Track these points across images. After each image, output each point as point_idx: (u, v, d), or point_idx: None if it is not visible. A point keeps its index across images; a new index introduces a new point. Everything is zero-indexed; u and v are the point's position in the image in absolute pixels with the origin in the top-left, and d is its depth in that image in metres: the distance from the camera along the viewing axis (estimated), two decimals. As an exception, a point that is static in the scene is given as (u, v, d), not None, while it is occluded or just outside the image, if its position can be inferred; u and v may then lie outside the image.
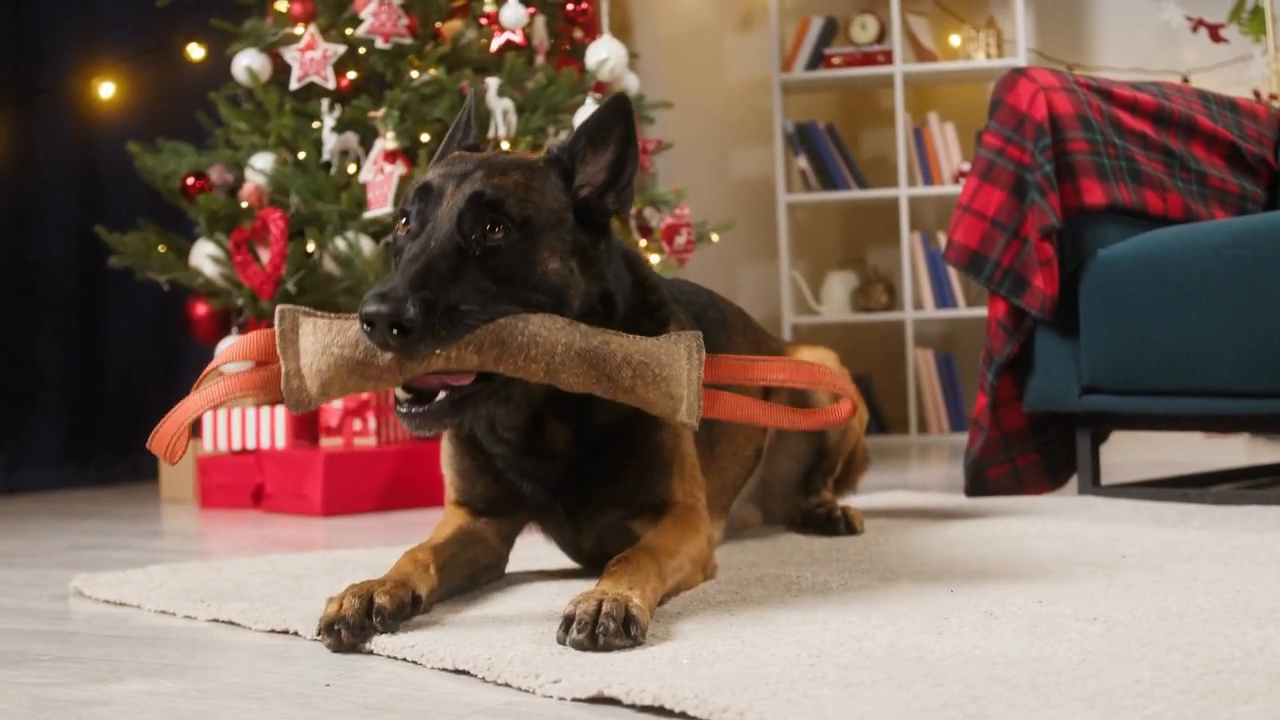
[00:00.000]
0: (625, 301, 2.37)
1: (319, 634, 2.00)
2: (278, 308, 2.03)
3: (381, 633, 1.98)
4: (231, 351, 2.11)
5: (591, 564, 2.53)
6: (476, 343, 1.99)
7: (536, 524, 2.55)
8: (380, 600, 2.00)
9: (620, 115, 2.25)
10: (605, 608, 1.85)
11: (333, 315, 2.03)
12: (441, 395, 2.04)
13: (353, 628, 1.97)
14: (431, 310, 1.94)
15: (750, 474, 3.08)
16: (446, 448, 2.53)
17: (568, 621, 1.86)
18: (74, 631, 2.32)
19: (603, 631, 1.82)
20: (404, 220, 2.16)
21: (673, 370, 2.08)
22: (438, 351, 1.97)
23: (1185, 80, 7.46)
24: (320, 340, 2.00)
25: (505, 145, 4.78)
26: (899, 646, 1.77)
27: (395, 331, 1.91)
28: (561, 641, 1.85)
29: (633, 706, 1.57)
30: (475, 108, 2.53)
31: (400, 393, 2.06)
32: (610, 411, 2.33)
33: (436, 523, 2.51)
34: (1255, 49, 7.36)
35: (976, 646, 1.76)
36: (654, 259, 5.20)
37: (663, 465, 2.41)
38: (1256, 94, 7.10)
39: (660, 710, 1.55)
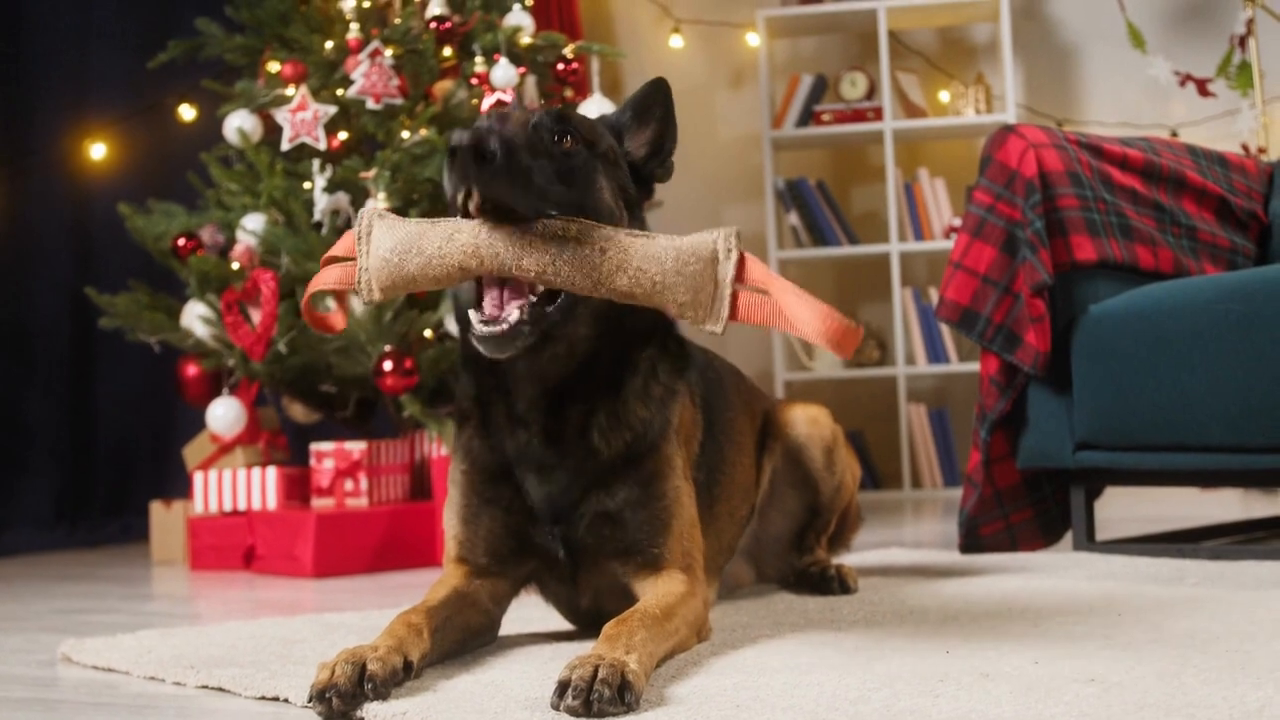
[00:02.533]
0: (644, 334, 2.45)
1: (310, 701, 1.97)
2: (360, 211, 2.23)
3: (373, 700, 1.96)
4: (339, 245, 2.24)
5: (588, 624, 2.51)
6: (554, 231, 2.07)
7: (535, 581, 2.53)
8: (373, 667, 1.98)
9: (661, 94, 2.51)
10: (601, 674, 1.83)
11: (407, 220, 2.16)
12: (514, 313, 2.11)
13: (344, 695, 1.94)
14: (513, 155, 2.06)
15: (743, 532, 3.06)
16: (453, 495, 2.50)
17: (563, 687, 1.84)
18: (61, 699, 2.29)
19: (598, 698, 1.80)
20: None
21: (693, 269, 2.08)
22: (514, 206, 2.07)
23: (1174, 135, 7.50)
24: (393, 235, 2.12)
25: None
26: (894, 710, 1.76)
27: (478, 161, 2.02)
28: (555, 707, 1.83)
29: (626, 774, 1.56)
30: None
31: (475, 315, 2.13)
32: (639, 418, 2.38)
33: (429, 584, 2.49)
34: (1243, 103, 7.40)
35: (973, 710, 1.74)
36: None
37: (664, 516, 2.39)
38: (1245, 148, 7.13)
39: (654, 778, 1.53)
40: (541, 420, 2.35)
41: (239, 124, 5.09)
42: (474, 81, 5.08)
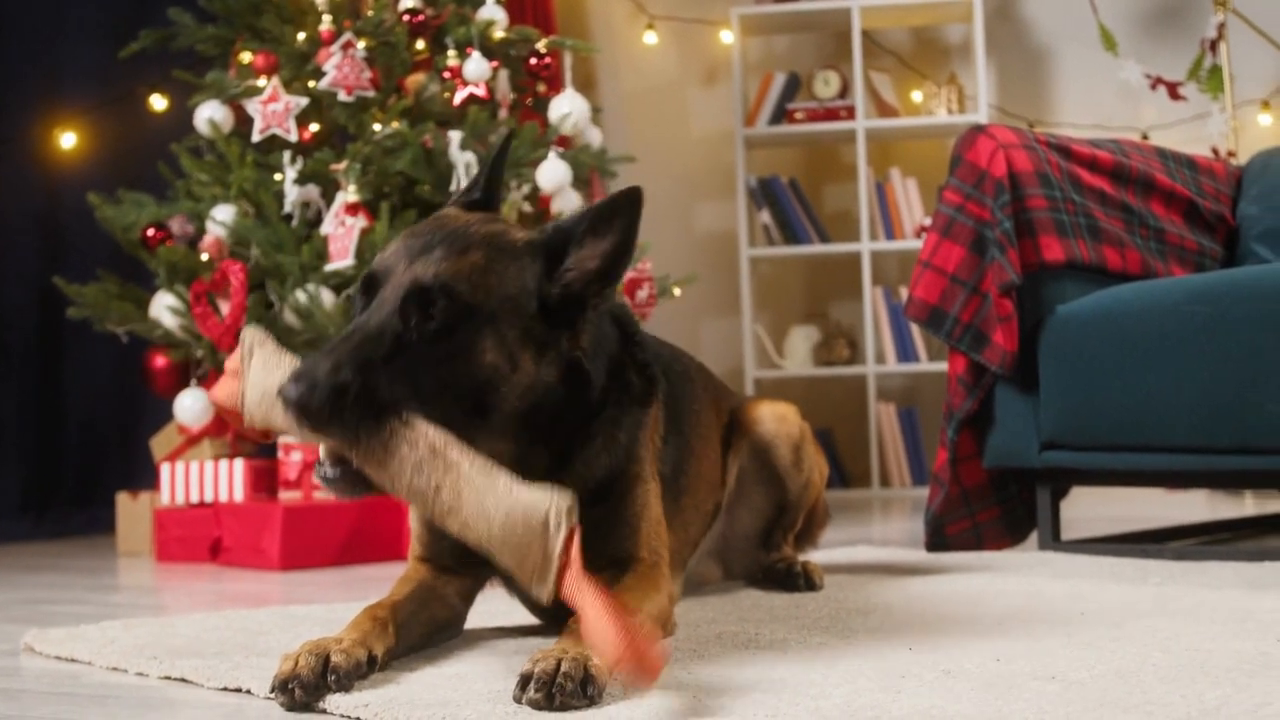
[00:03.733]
0: (605, 367, 2.35)
1: (272, 692, 1.97)
2: (243, 330, 2.09)
3: (336, 691, 1.95)
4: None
5: (553, 619, 2.50)
6: (401, 447, 1.94)
7: (500, 577, 2.52)
8: (336, 659, 1.98)
9: (628, 206, 2.17)
10: (564, 667, 1.83)
11: (284, 352, 2.07)
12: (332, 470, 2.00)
13: (307, 686, 1.94)
14: (342, 397, 1.91)
15: (709, 529, 3.07)
16: None
17: (525, 679, 1.84)
18: (23, 689, 2.28)
19: (559, 690, 1.80)
20: (356, 305, 2.14)
21: (519, 536, 1.91)
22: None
23: (1144, 137, 7.54)
24: (260, 374, 2.04)
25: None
26: (855, 706, 1.76)
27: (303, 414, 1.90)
28: (518, 700, 1.83)
29: (587, 767, 1.56)
30: (499, 159, 2.44)
31: (323, 451, 2.02)
32: (605, 465, 2.35)
33: (396, 577, 2.48)
34: (1213, 107, 7.44)
35: (934, 705, 1.75)
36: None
37: (632, 520, 2.39)
38: (1215, 151, 7.17)
39: (614, 771, 1.53)
40: None
41: (210, 114, 5.07)
42: (446, 75, 5.07)
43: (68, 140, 6.16)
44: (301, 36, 5.12)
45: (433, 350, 2.04)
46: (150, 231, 5.01)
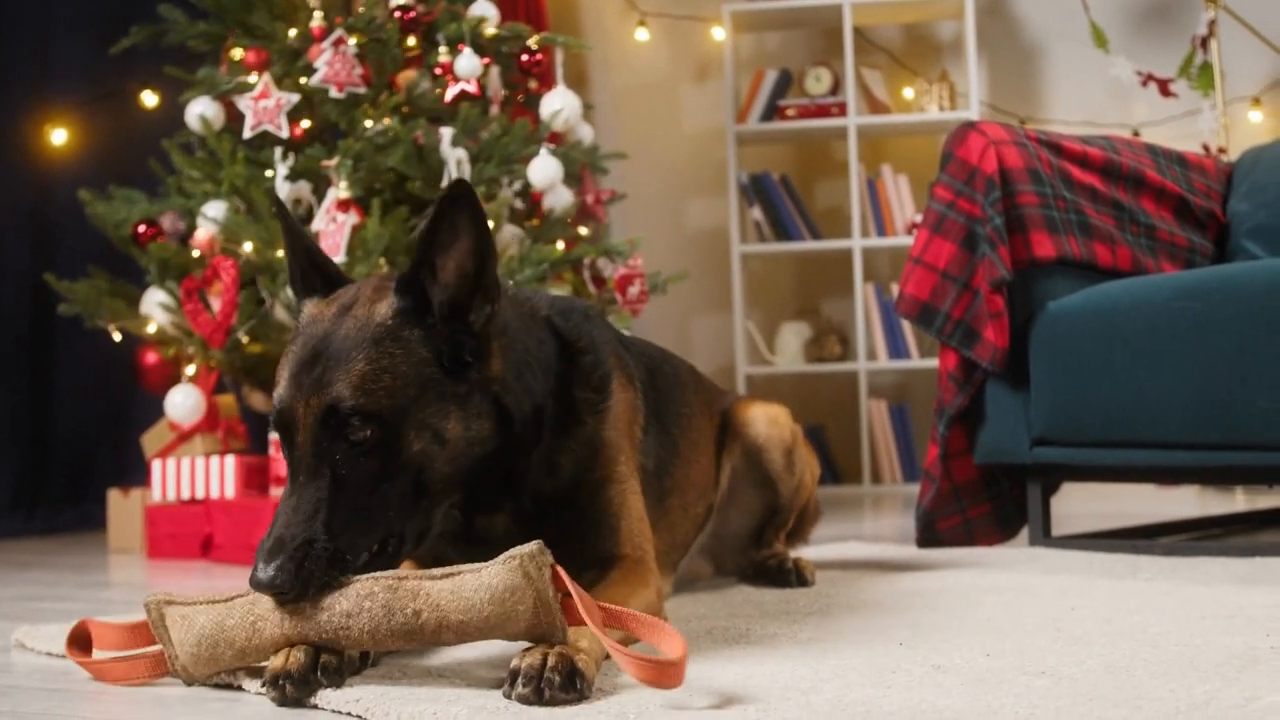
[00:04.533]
0: (542, 389, 2.32)
1: (263, 687, 1.97)
2: (144, 601, 2.07)
3: (327, 687, 1.96)
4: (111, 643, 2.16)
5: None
6: (361, 596, 1.97)
7: None
8: (326, 655, 1.98)
9: (461, 202, 2.10)
10: (550, 662, 1.84)
11: (194, 601, 2.07)
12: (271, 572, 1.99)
13: (298, 682, 1.94)
14: (302, 569, 1.96)
15: (700, 531, 3.07)
16: None
17: (513, 676, 1.84)
18: (14, 685, 2.28)
19: (548, 685, 1.80)
20: (277, 437, 2.15)
21: (513, 602, 1.92)
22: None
23: (1135, 134, 7.55)
24: (192, 631, 2.04)
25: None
26: (846, 700, 1.77)
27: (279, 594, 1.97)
28: (507, 696, 1.83)
29: (578, 762, 1.56)
30: (297, 246, 2.30)
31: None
32: (550, 487, 2.34)
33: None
34: (1204, 104, 7.45)
35: (924, 700, 1.76)
36: (608, 309, 5.20)
37: (610, 520, 2.39)
38: (1205, 148, 7.18)
39: (605, 766, 1.54)
40: (456, 531, 2.31)
41: (201, 111, 5.07)
42: (438, 71, 5.06)
43: (58, 136, 6.15)
44: (293, 33, 5.11)
45: (364, 469, 2.05)
46: (141, 228, 5.01)
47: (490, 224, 2.12)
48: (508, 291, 2.36)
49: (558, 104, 5.29)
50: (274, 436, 2.15)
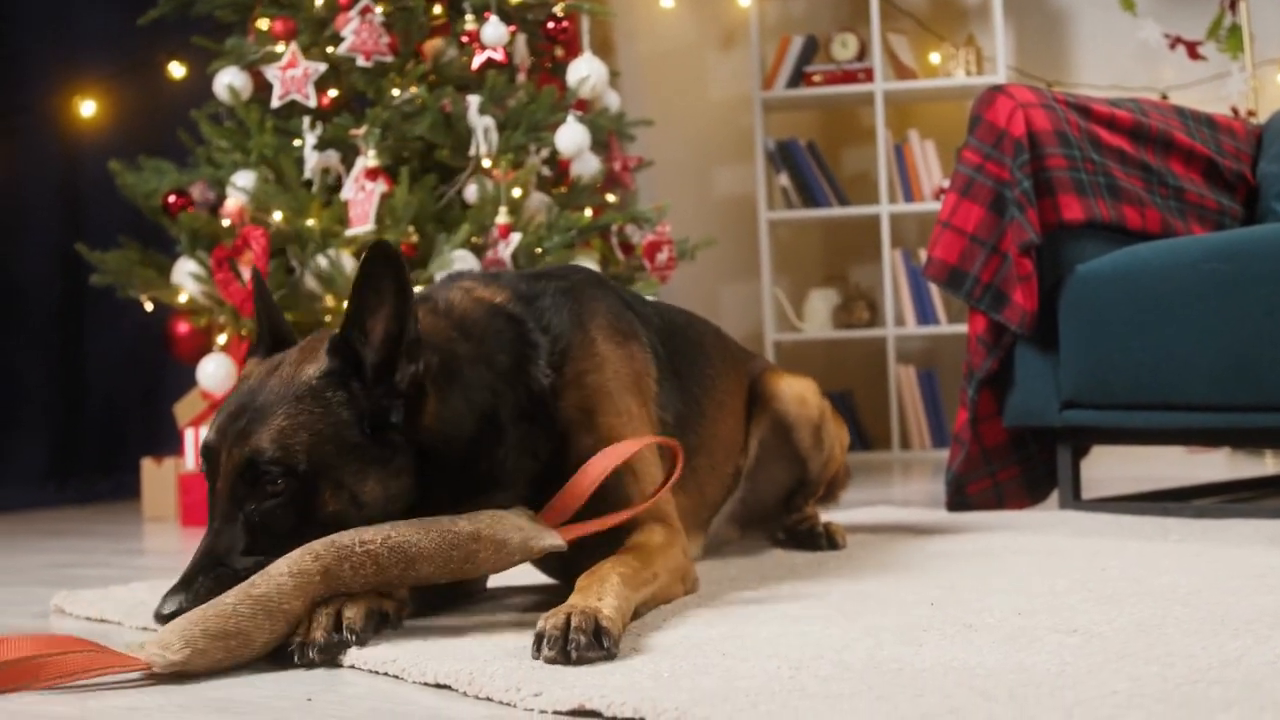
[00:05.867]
0: (499, 391, 2.33)
1: (291, 650, 1.99)
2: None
3: (354, 646, 1.98)
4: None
5: (565, 578, 2.51)
6: (310, 553, 2.01)
7: None
8: (350, 614, 2.01)
9: (384, 263, 2.12)
10: (575, 621, 1.85)
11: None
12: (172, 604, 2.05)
13: (324, 648, 1.96)
14: (205, 593, 2.01)
15: (730, 493, 3.07)
16: None
17: (539, 639, 1.86)
18: (55, 648, 2.31)
19: (574, 646, 1.82)
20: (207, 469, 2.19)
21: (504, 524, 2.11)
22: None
23: (1164, 97, 7.50)
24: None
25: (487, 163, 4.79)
26: (879, 659, 1.78)
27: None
28: (536, 658, 1.85)
29: (613, 719, 1.58)
30: (265, 305, 2.36)
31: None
32: (537, 461, 2.36)
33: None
34: (1233, 66, 7.40)
35: (955, 658, 1.77)
36: (636, 276, 5.21)
37: (625, 488, 2.38)
38: (1234, 110, 7.15)
39: (640, 723, 1.55)
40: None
41: (229, 81, 5.08)
42: (464, 39, 5.07)
43: (87, 108, 6.17)
44: (319, 2, 5.11)
45: (279, 520, 2.10)
46: (171, 198, 5.03)
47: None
48: (448, 309, 2.38)
49: (584, 71, 5.29)
50: None
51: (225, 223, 4.87)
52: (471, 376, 2.29)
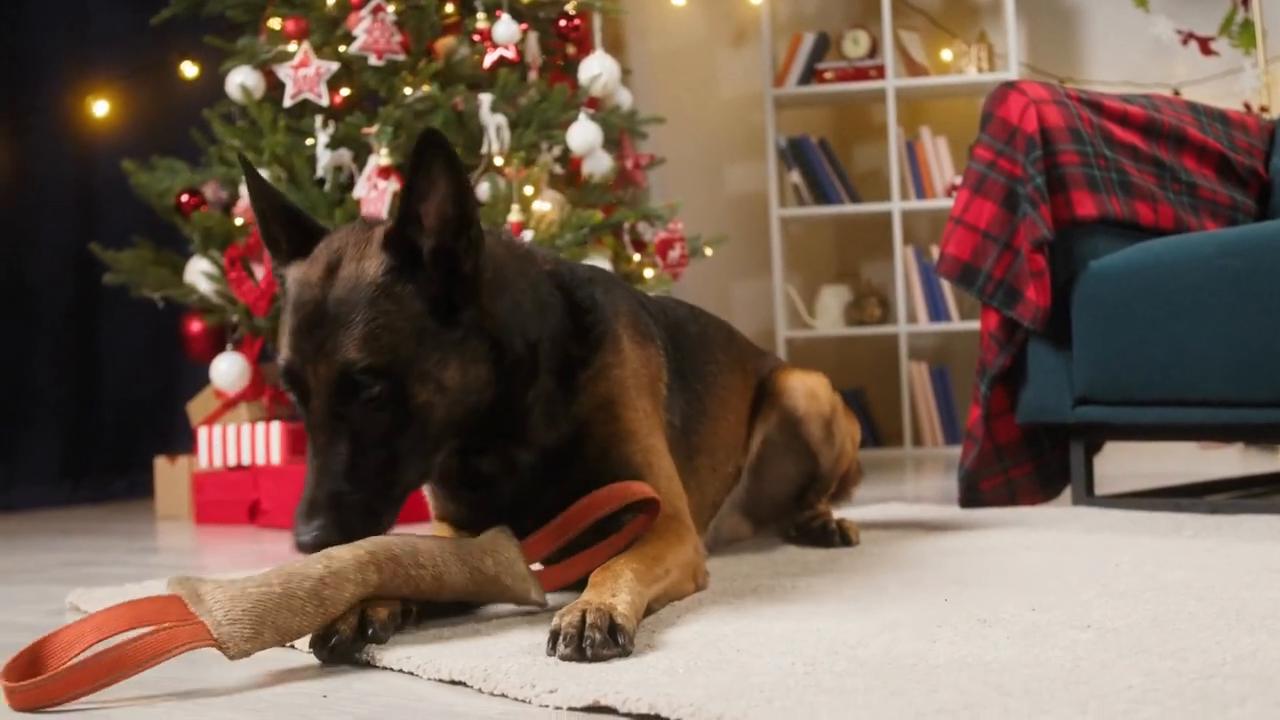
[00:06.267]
0: (538, 334, 2.35)
1: (312, 646, 2.00)
2: (169, 580, 1.98)
3: (372, 643, 1.98)
4: (118, 623, 1.90)
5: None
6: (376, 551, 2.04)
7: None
8: (371, 612, 2.01)
9: (433, 149, 2.12)
10: (590, 619, 1.86)
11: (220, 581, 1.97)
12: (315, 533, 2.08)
13: (344, 640, 1.97)
14: (344, 525, 2.06)
15: (729, 492, 3.07)
16: None
17: (554, 636, 1.86)
18: (71, 646, 2.31)
19: (590, 643, 1.82)
20: (288, 389, 2.18)
21: (515, 570, 2.17)
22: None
23: (1176, 94, 7.48)
24: (221, 596, 1.91)
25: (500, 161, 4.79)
26: (893, 654, 1.78)
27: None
28: (551, 655, 1.85)
29: (628, 715, 1.58)
30: (255, 183, 2.33)
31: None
32: (549, 437, 2.36)
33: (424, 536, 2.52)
34: (1245, 62, 7.39)
35: (970, 654, 1.77)
36: (648, 273, 5.21)
37: (636, 478, 2.40)
38: (1247, 106, 7.13)
39: (656, 718, 1.55)
40: (456, 476, 2.40)
41: (241, 80, 5.09)
42: (476, 38, 5.08)
43: (100, 108, 6.19)
44: (331, 1, 5.12)
45: (377, 424, 2.12)
46: (184, 197, 5.05)
47: (467, 172, 2.19)
48: (499, 235, 2.43)
49: (596, 69, 5.29)
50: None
51: (238, 221, 4.88)
52: (521, 300, 2.34)
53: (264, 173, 4.82)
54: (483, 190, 4.81)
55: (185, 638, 1.84)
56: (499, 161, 4.82)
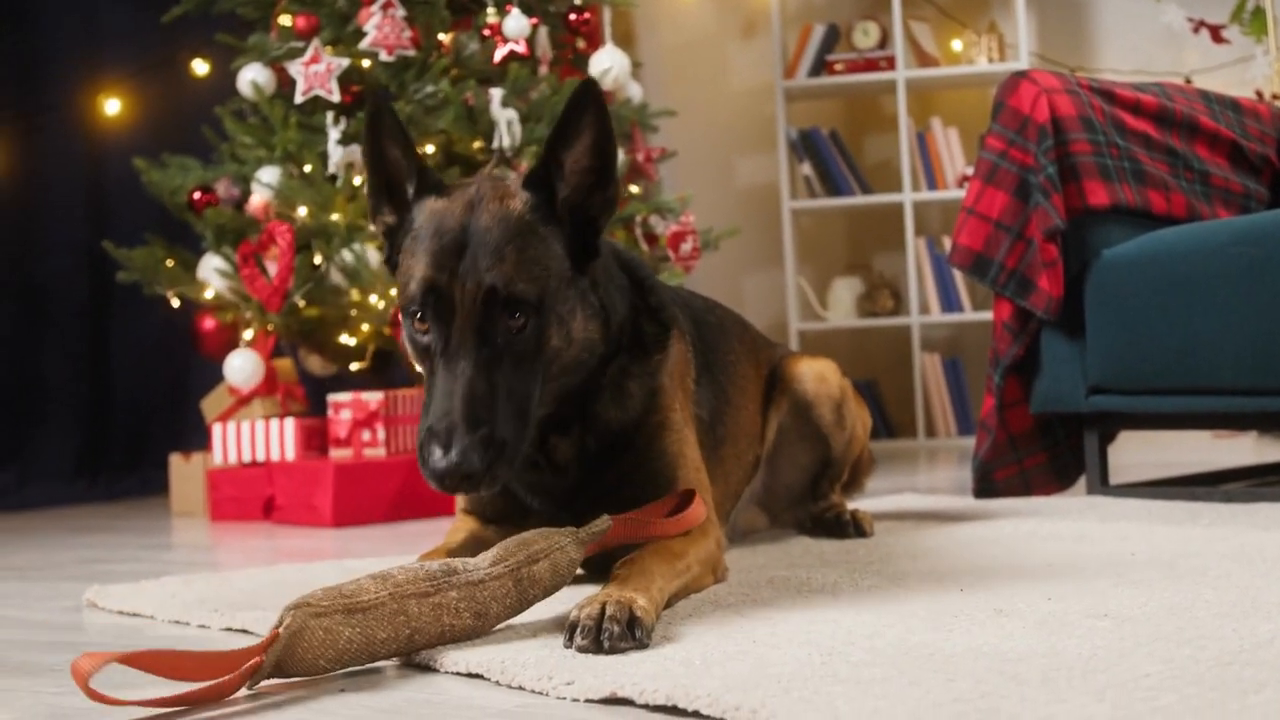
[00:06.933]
0: (622, 309, 2.39)
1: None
2: (286, 607, 1.84)
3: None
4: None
5: (598, 569, 2.52)
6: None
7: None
8: None
9: (588, 100, 2.18)
10: (609, 611, 1.86)
11: (331, 608, 1.85)
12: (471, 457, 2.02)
13: None
14: (488, 449, 2.01)
15: (748, 481, 3.08)
16: None
17: (572, 628, 1.87)
18: (88, 642, 2.33)
19: (608, 636, 1.83)
20: (418, 316, 2.13)
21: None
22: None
23: (1187, 81, 7.47)
24: (330, 643, 1.83)
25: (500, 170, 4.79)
26: (909, 644, 1.78)
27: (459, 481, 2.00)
28: (568, 648, 1.86)
29: (646, 706, 1.58)
30: (386, 121, 2.30)
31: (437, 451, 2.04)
32: (616, 419, 2.37)
33: (446, 530, 2.52)
34: (1257, 49, 7.37)
35: (986, 643, 1.77)
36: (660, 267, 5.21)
37: (668, 469, 2.42)
38: (1259, 94, 7.10)
39: (673, 710, 1.56)
40: (531, 457, 2.35)
41: (253, 77, 5.10)
42: (486, 32, 5.08)
43: (112, 106, 6.20)
44: (342, -3, 5.13)
45: (514, 355, 2.11)
46: (196, 195, 5.05)
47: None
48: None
49: (606, 62, 5.29)
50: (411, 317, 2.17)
51: (250, 218, 4.88)
52: (611, 273, 2.39)
53: (275, 169, 4.84)
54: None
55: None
56: (510, 156, 4.82)
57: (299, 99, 4.93)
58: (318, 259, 4.79)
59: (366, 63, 5.02)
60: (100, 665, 1.73)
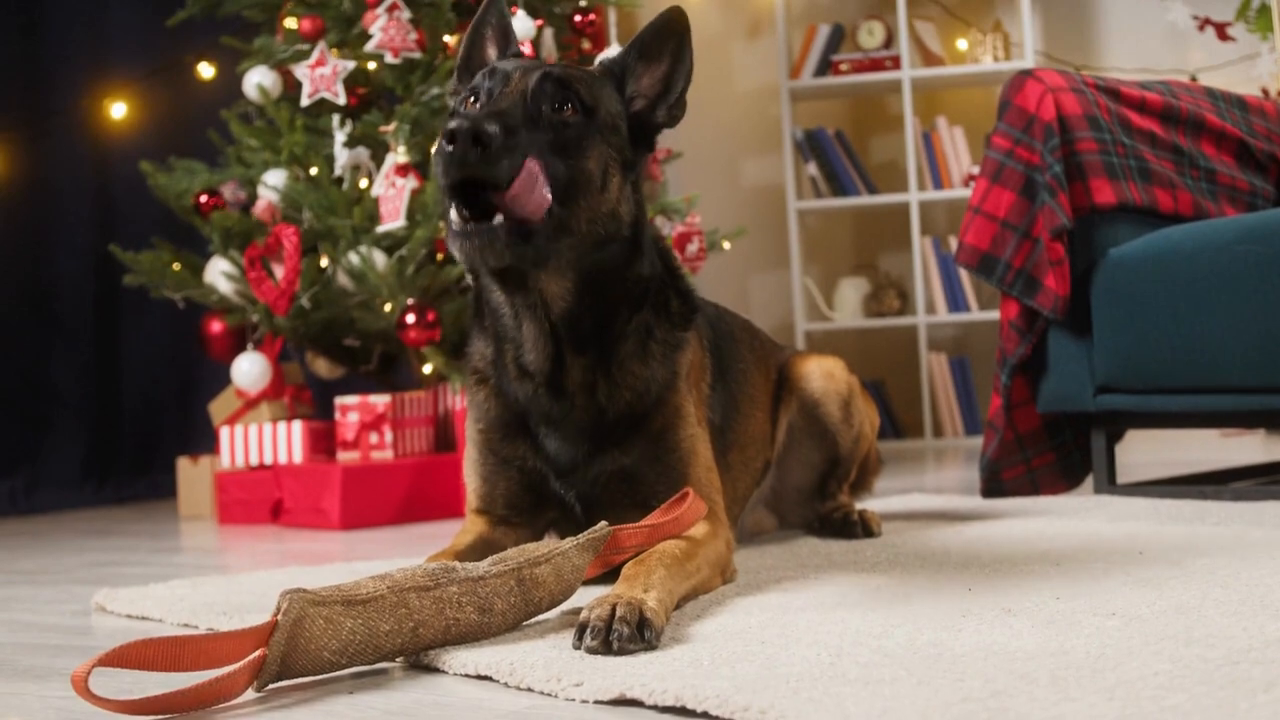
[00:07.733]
0: (654, 259, 2.48)
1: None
2: (283, 593, 1.82)
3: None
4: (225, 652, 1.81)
5: (610, 571, 2.53)
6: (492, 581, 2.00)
7: (555, 529, 2.55)
8: None
9: (675, 28, 2.36)
10: (619, 612, 1.86)
11: (332, 598, 1.84)
12: (499, 220, 2.10)
13: None
14: (511, 135, 2.07)
15: (757, 486, 3.08)
16: (470, 452, 2.55)
17: (582, 628, 1.87)
18: (97, 645, 2.32)
19: (617, 637, 1.83)
20: (470, 98, 2.25)
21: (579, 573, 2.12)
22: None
23: (1193, 79, 7.47)
24: (333, 633, 1.82)
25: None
26: (918, 644, 1.78)
27: (477, 147, 2.02)
28: (577, 648, 1.86)
29: (654, 707, 1.58)
30: (493, 17, 2.55)
31: (456, 215, 2.11)
32: (636, 374, 2.43)
33: (454, 534, 2.52)
34: (1262, 47, 7.37)
35: (995, 642, 1.77)
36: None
37: (681, 464, 2.43)
38: (1264, 91, 7.10)
39: (682, 710, 1.56)
40: (547, 370, 2.39)
41: (258, 80, 5.10)
42: (492, 34, 5.07)
43: (118, 110, 6.21)
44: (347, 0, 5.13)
45: (561, 139, 2.19)
46: (203, 198, 5.06)
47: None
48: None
49: (609, 62, 5.28)
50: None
51: (257, 221, 4.89)
52: (652, 234, 2.50)
53: (281, 172, 4.85)
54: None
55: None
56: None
57: (305, 102, 4.93)
58: (324, 262, 4.79)
59: (372, 65, 5.02)
60: (89, 670, 1.73)
